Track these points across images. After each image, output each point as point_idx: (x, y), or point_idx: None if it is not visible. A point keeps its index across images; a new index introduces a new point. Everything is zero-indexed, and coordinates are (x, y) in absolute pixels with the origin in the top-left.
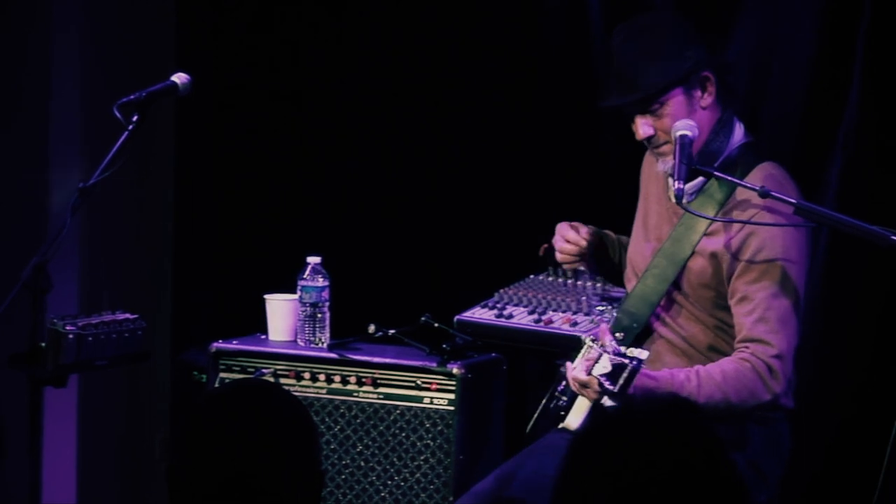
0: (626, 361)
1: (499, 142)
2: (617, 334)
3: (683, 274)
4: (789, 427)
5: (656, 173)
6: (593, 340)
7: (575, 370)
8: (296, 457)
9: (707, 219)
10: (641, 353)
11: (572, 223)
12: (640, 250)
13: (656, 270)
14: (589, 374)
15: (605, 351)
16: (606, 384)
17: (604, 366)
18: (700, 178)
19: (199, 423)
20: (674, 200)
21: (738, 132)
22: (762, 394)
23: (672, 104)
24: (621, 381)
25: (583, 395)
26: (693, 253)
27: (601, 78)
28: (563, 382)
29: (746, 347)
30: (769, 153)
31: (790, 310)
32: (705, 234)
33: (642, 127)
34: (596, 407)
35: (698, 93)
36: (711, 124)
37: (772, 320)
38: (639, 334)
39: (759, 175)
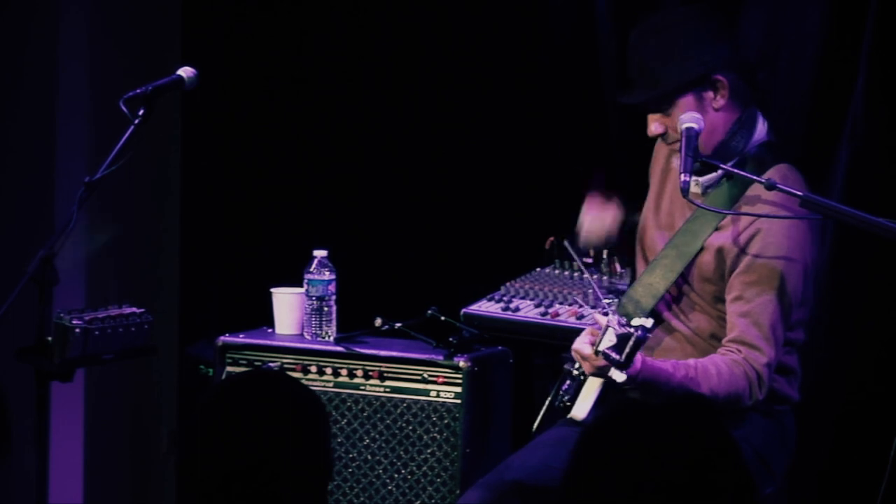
0: (631, 331)
1: (505, 136)
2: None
3: (691, 268)
4: (795, 420)
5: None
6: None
7: (576, 342)
8: (305, 447)
9: (716, 212)
10: (646, 322)
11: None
12: (651, 233)
13: (665, 261)
14: (595, 349)
15: (610, 324)
16: (613, 355)
17: (609, 339)
18: (715, 174)
19: (208, 415)
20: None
21: (760, 130)
22: (746, 399)
23: (682, 105)
24: (627, 350)
25: (585, 368)
26: (702, 248)
27: (619, 71)
28: (567, 381)
29: (739, 350)
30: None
31: (781, 318)
32: (716, 230)
33: (653, 124)
34: (603, 397)
35: (710, 94)
36: (728, 125)
37: (765, 327)
38: None
39: (772, 175)
